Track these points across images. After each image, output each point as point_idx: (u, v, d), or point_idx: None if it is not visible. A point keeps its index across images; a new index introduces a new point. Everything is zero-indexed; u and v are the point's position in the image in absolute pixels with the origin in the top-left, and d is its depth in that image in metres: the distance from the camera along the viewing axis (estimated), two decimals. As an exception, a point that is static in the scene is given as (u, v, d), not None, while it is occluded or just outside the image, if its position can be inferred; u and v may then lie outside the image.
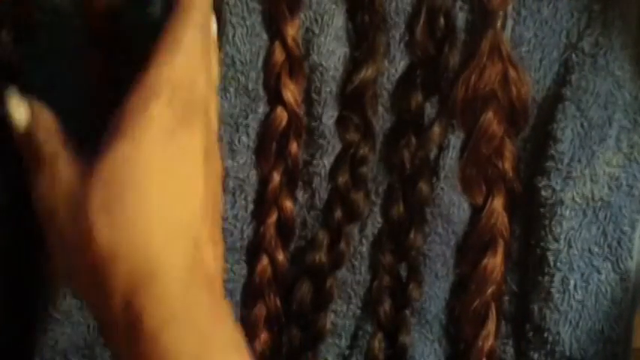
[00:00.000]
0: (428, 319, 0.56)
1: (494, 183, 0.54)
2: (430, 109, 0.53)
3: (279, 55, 0.51)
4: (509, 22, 0.52)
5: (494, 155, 0.53)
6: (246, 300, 0.54)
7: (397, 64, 0.52)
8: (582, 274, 0.55)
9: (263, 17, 0.50)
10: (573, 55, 0.53)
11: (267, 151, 0.52)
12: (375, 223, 0.54)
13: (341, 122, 0.52)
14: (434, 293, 0.55)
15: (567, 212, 0.53)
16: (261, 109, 0.52)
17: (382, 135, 0.53)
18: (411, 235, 0.54)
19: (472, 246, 0.54)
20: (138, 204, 0.35)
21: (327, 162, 0.53)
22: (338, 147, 0.53)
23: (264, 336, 0.54)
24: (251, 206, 0.53)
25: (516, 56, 0.52)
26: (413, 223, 0.54)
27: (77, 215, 0.36)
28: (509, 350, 0.56)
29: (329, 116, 0.52)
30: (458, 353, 0.56)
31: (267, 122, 0.51)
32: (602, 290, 0.55)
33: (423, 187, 0.53)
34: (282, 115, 0.51)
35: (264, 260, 0.53)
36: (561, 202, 0.53)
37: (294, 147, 0.52)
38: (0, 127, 0.44)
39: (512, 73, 0.52)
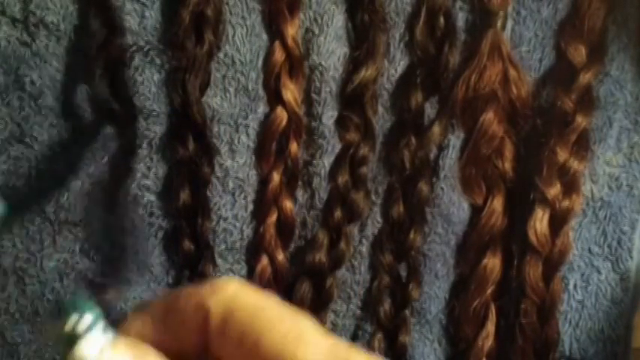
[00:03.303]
0: (428, 319, 0.56)
1: (494, 183, 0.53)
2: (430, 109, 0.53)
3: (279, 55, 0.50)
4: (509, 22, 0.52)
5: (494, 155, 0.53)
6: (246, 300, 0.54)
7: (397, 64, 0.52)
8: (582, 274, 0.55)
9: (263, 17, 0.50)
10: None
11: (267, 151, 0.52)
12: (375, 223, 0.54)
13: (341, 122, 0.52)
14: (434, 293, 0.55)
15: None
16: (261, 109, 0.51)
17: (382, 135, 0.53)
18: (411, 235, 0.54)
19: (472, 246, 0.54)
20: None
21: (327, 162, 0.52)
22: (338, 147, 0.52)
23: (264, 336, 0.54)
24: (251, 206, 0.53)
25: (516, 56, 0.52)
26: (413, 223, 0.54)
27: None
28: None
29: (329, 116, 0.52)
30: (458, 353, 0.56)
31: (267, 122, 0.51)
32: (602, 290, 0.55)
33: (423, 187, 0.53)
34: (282, 115, 0.51)
35: (264, 260, 0.53)
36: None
37: (294, 147, 0.52)
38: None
39: (512, 73, 0.52)
